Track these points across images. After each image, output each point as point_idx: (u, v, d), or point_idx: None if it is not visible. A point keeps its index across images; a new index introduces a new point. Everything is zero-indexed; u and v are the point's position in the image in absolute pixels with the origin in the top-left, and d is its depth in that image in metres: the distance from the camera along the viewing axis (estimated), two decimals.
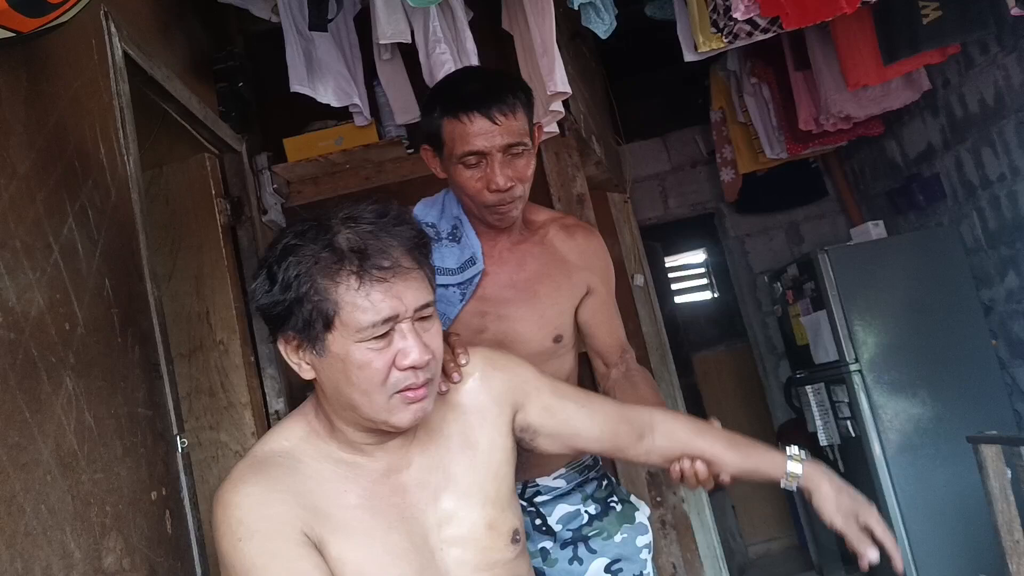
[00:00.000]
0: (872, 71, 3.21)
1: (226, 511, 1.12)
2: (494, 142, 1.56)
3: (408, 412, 1.15)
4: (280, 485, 1.14)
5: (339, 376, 1.14)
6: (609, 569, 1.71)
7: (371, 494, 1.19)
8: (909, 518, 3.47)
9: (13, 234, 1.37)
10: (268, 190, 2.86)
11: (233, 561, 1.10)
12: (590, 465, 1.79)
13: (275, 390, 2.63)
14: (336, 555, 1.13)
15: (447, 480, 1.25)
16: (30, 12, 1.25)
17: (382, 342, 1.12)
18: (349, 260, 1.11)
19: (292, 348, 1.18)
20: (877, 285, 3.65)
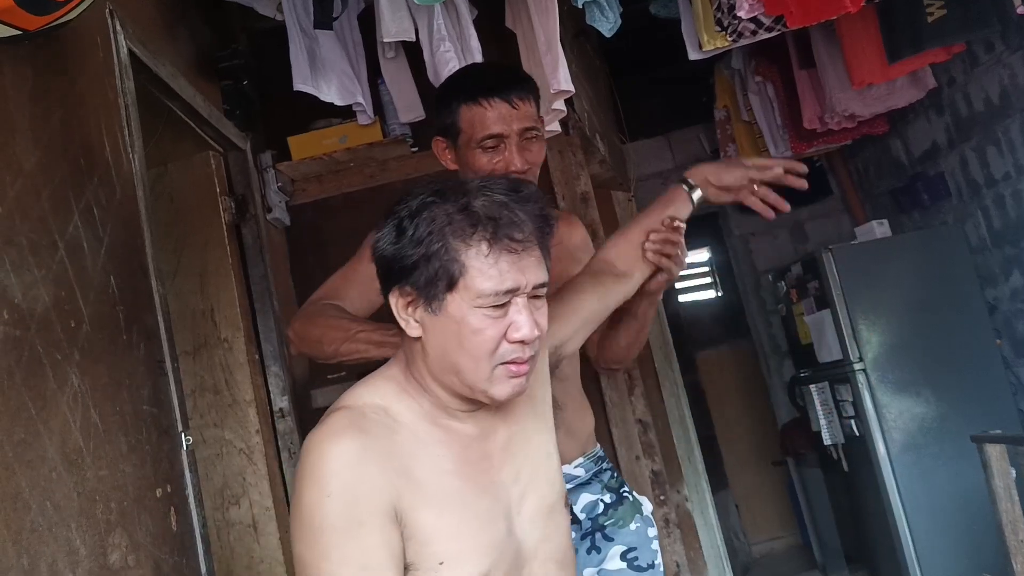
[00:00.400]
0: (877, 70, 3.20)
1: (320, 461, 1.12)
2: (512, 126, 1.63)
3: (508, 385, 1.17)
4: (378, 445, 1.14)
5: (450, 338, 1.16)
6: (625, 557, 1.74)
7: (463, 459, 1.21)
8: (913, 517, 3.46)
9: (19, 231, 1.38)
10: (272, 188, 2.86)
11: (313, 513, 1.10)
12: (601, 456, 1.84)
13: (279, 388, 2.64)
14: (430, 522, 1.13)
15: (525, 442, 1.28)
16: (36, 10, 1.26)
17: (498, 311, 1.15)
18: (484, 226, 1.14)
19: (404, 304, 1.19)
20: (881, 284, 3.65)
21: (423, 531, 1.13)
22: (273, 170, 2.88)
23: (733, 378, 5.53)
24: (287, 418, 2.62)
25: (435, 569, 1.13)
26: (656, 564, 1.76)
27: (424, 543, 1.13)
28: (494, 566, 1.16)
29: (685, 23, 2.85)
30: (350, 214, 2.97)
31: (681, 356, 4.51)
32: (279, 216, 2.89)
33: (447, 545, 1.14)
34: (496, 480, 1.23)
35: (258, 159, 2.85)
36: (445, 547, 1.14)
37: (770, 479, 5.24)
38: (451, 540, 1.14)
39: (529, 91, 1.68)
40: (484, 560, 1.15)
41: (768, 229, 5.28)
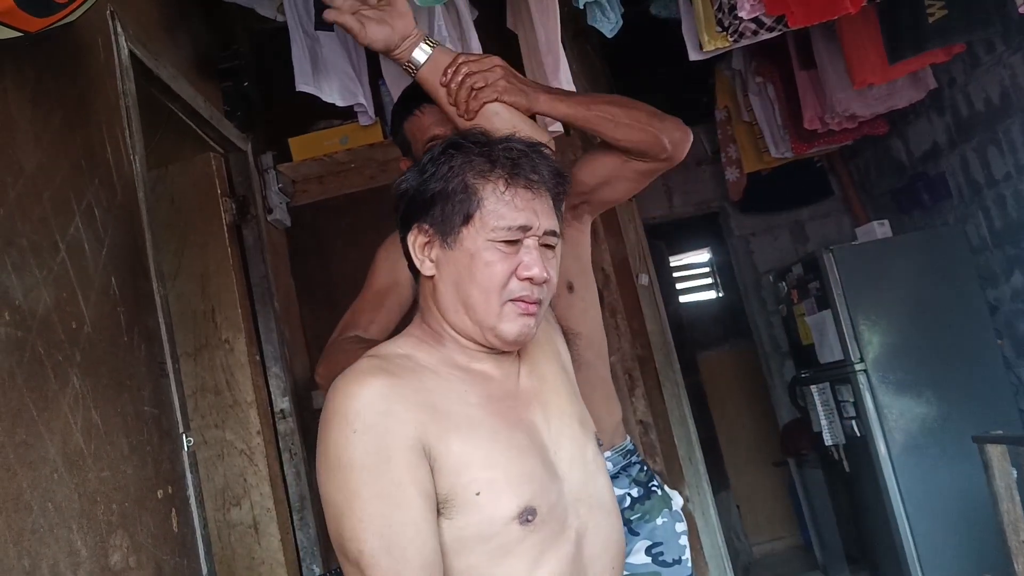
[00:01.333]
0: (877, 70, 3.20)
1: (346, 400, 1.12)
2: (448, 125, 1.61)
3: (517, 324, 1.20)
4: (403, 383, 1.15)
5: (463, 271, 1.20)
6: (650, 552, 1.74)
7: (490, 397, 1.22)
8: (914, 518, 3.46)
9: (20, 233, 1.38)
10: (273, 189, 2.86)
11: (340, 452, 1.10)
12: (631, 450, 1.83)
13: (280, 389, 2.64)
14: (460, 450, 1.13)
15: (553, 396, 1.29)
16: (37, 11, 1.26)
17: (511, 248, 1.19)
18: (502, 166, 1.20)
19: (421, 243, 1.24)
20: (882, 285, 3.65)
21: (455, 460, 1.12)
22: (274, 171, 2.88)
23: (734, 379, 5.53)
24: (288, 419, 2.62)
25: (473, 501, 1.12)
26: (683, 559, 1.75)
27: (457, 473, 1.12)
28: (537, 498, 1.14)
29: (686, 23, 2.85)
30: (351, 215, 2.97)
31: (682, 357, 4.51)
32: (280, 217, 2.89)
33: (482, 473, 1.13)
34: (524, 418, 1.23)
35: (259, 160, 2.85)
36: (480, 475, 1.12)
37: (771, 480, 5.24)
38: (485, 468, 1.13)
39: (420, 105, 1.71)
40: (524, 490, 1.14)
41: (769, 229, 5.28)
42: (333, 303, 3.06)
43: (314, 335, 3.13)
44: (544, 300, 1.23)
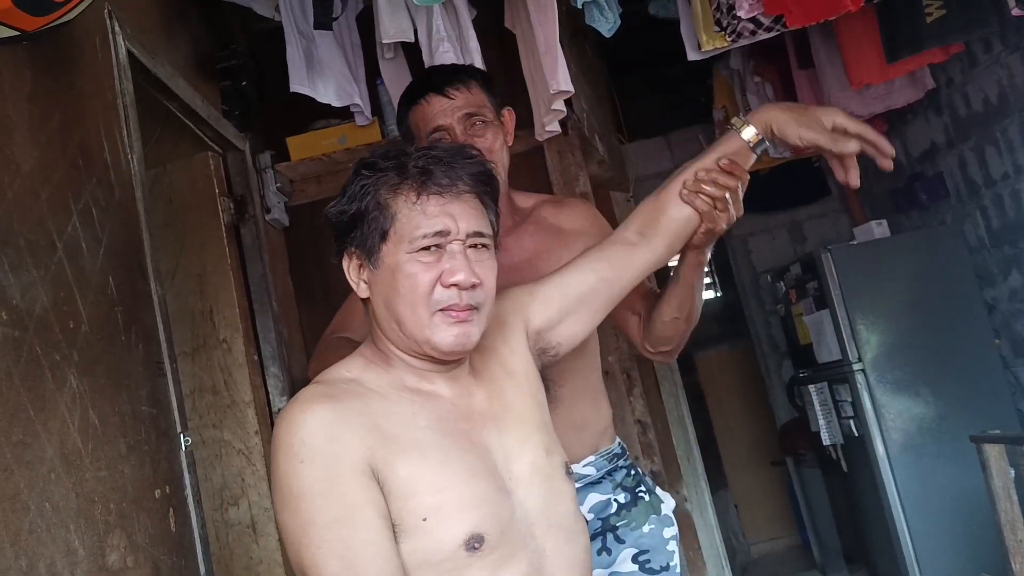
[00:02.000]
0: (875, 70, 3.20)
1: (290, 430, 1.11)
2: (453, 115, 1.67)
3: (449, 333, 1.17)
4: (348, 407, 1.14)
5: (388, 289, 1.19)
6: (636, 560, 1.70)
7: (440, 418, 1.19)
8: (912, 517, 3.46)
9: (17, 232, 1.37)
10: (271, 188, 2.86)
11: (291, 482, 1.09)
12: (618, 454, 1.78)
13: (278, 389, 2.64)
14: (406, 475, 1.11)
15: (505, 409, 1.27)
16: (34, 10, 1.26)
17: (431, 257, 1.17)
18: (412, 177, 1.19)
19: (355, 267, 1.24)
20: (880, 284, 3.65)
21: (402, 485, 1.11)
22: (272, 171, 2.87)
23: (732, 378, 5.53)
24: None
25: (419, 526, 1.10)
26: (671, 565, 1.72)
27: (404, 497, 1.10)
28: (485, 523, 1.12)
29: (684, 23, 2.85)
30: None
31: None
32: (278, 217, 2.89)
33: (428, 498, 1.11)
34: (477, 440, 1.20)
35: (257, 160, 2.85)
36: (427, 500, 1.11)
37: (769, 479, 5.24)
38: (432, 493, 1.11)
39: (467, 80, 1.70)
40: (471, 516, 1.12)
41: (767, 229, 5.28)
42: (331, 303, 3.05)
43: (312, 335, 3.12)
44: (481, 304, 1.20)
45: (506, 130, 1.77)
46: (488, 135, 1.69)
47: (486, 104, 1.71)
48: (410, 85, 1.82)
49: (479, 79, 1.73)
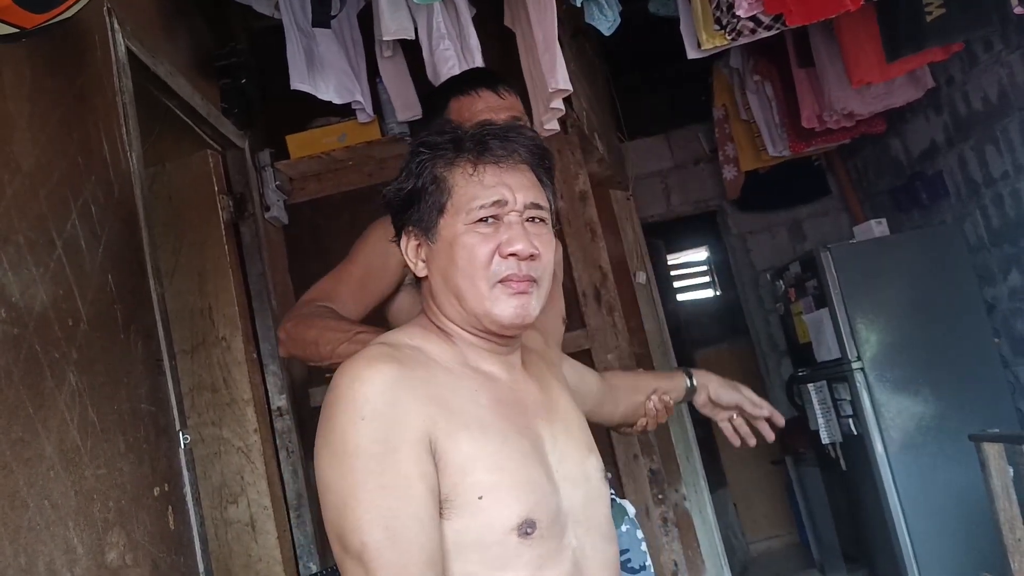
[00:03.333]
0: (876, 68, 3.20)
1: (354, 385, 1.08)
2: (500, 114, 1.65)
3: (509, 305, 1.16)
4: (413, 374, 1.12)
5: (447, 262, 1.18)
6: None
7: (499, 400, 1.19)
8: (911, 516, 3.47)
9: (17, 230, 1.37)
10: (271, 187, 2.86)
11: (346, 439, 1.06)
12: None
13: (277, 387, 2.64)
14: (468, 449, 1.09)
15: (556, 410, 1.27)
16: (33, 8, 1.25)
17: (489, 228, 1.17)
18: (468, 150, 1.19)
19: (413, 247, 1.24)
20: (880, 283, 3.65)
21: (460, 459, 1.08)
22: (271, 169, 2.87)
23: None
24: (285, 417, 2.62)
25: (474, 504, 1.08)
26: (647, 565, 1.75)
27: (462, 472, 1.08)
28: (538, 510, 1.10)
29: (684, 22, 2.85)
30: (349, 212, 2.97)
31: (679, 355, 4.51)
32: (277, 215, 2.89)
33: (486, 476, 1.09)
34: (532, 428, 1.20)
35: (256, 158, 2.85)
36: (484, 478, 1.09)
37: (768, 478, 5.24)
38: (490, 472, 1.09)
39: (512, 88, 1.75)
40: (526, 500, 1.10)
41: (767, 228, 5.28)
42: None
43: None
44: (539, 278, 1.19)
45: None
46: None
47: (525, 115, 1.76)
48: (458, 75, 1.86)
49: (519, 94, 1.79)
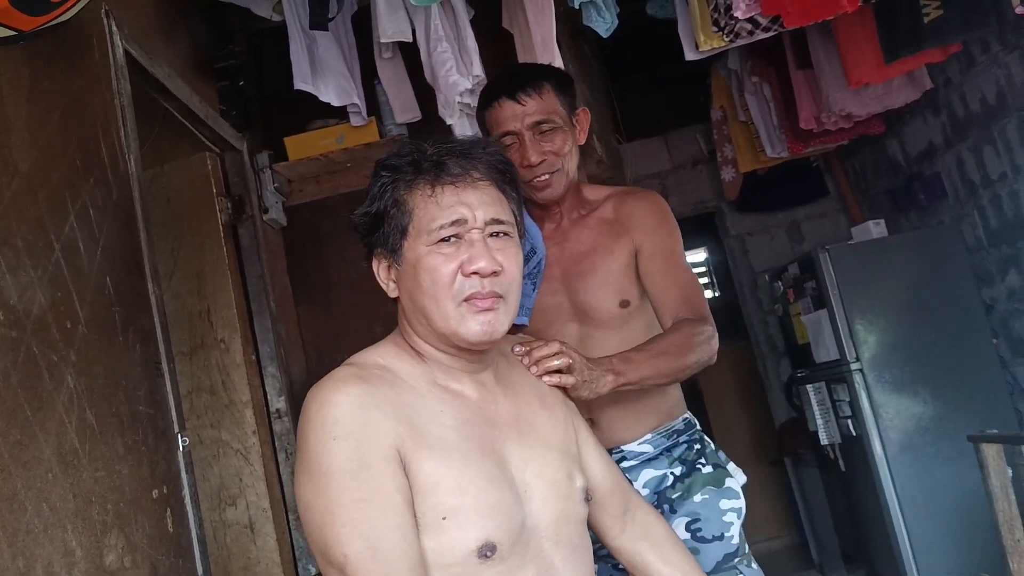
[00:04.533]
0: (873, 69, 3.20)
1: (323, 408, 1.11)
2: (523, 121, 1.70)
3: (476, 322, 1.18)
4: (380, 393, 1.14)
5: (412, 284, 1.20)
6: (689, 528, 1.72)
7: (465, 420, 1.20)
8: (910, 517, 3.46)
9: (15, 232, 1.37)
10: (269, 188, 2.86)
11: (320, 458, 1.09)
12: (680, 430, 1.81)
13: (276, 389, 2.64)
14: (431, 471, 1.12)
15: (530, 427, 1.27)
16: (32, 10, 1.26)
17: (450, 247, 1.18)
18: (426, 171, 1.20)
19: (384, 268, 1.25)
20: (878, 284, 3.65)
21: (426, 480, 1.11)
22: (270, 170, 2.87)
23: (730, 378, 5.53)
24: (284, 419, 2.62)
25: (438, 524, 1.10)
26: (726, 536, 1.73)
27: (426, 493, 1.11)
28: (499, 532, 1.12)
29: (682, 23, 2.85)
30: (347, 214, 2.96)
31: None
32: (276, 216, 2.89)
33: (450, 499, 1.11)
34: (498, 448, 1.21)
35: (255, 159, 2.85)
36: (448, 501, 1.11)
37: (767, 479, 5.24)
38: (454, 494, 1.12)
39: (540, 85, 1.72)
40: (485, 525, 1.12)
41: (765, 229, 5.28)
42: (329, 302, 3.06)
43: (310, 335, 3.12)
44: (506, 293, 1.20)
45: (579, 129, 1.80)
46: (556, 139, 1.72)
47: (557, 109, 1.72)
48: (487, 85, 1.86)
49: (553, 81, 1.75)
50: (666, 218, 1.81)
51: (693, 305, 1.70)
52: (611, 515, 1.41)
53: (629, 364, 1.54)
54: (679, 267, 1.76)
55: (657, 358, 1.58)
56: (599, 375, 1.47)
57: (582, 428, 1.41)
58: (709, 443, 1.85)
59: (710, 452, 1.82)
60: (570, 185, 1.78)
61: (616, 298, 1.76)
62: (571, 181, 1.77)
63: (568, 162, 1.75)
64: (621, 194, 1.86)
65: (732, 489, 1.78)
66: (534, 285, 1.79)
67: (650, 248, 1.76)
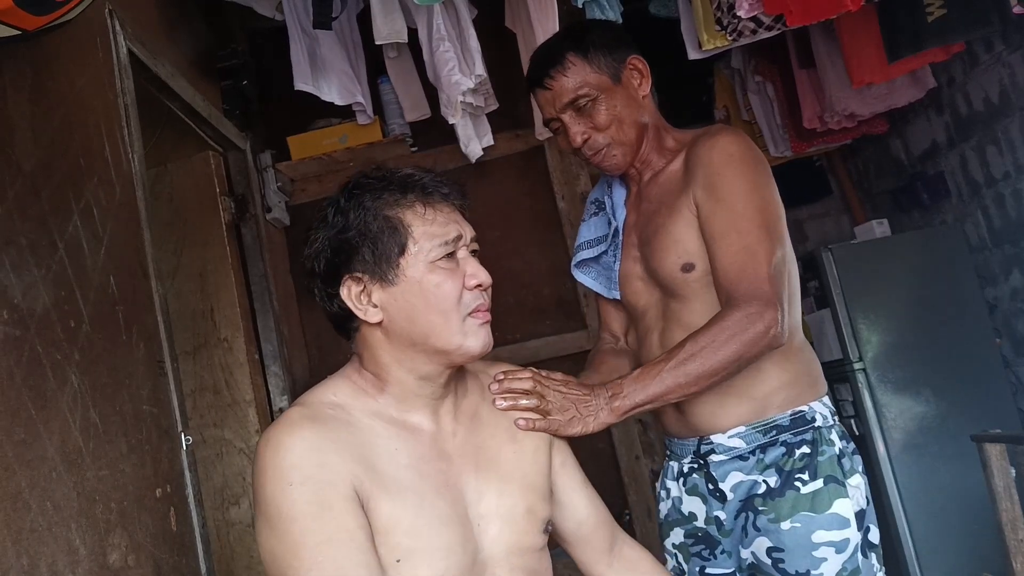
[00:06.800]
0: (877, 69, 3.20)
1: (278, 453, 1.10)
2: (555, 105, 1.61)
3: (480, 336, 1.21)
4: (334, 435, 1.13)
5: (416, 301, 1.18)
6: (770, 554, 1.51)
7: (419, 456, 1.20)
8: (913, 517, 3.46)
9: (19, 231, 1.38)
10: (272, 188, 2.86)
11: (280, 505, 1.08)
12: (783, 426, 1.54)
13: (279, 388, 2.64)
14: (387, 512, 1.12)
15: (489, 461, 1.27)
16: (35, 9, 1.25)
17: (451, 263, 1.20)
18: (413, 190, 1.21)
19: (356, 293, 1.21)
20: (881, 283, 3.64)
21: (384, 522, 1.11)
22: (273, 170, 2.88)
23: None
24: None
25: (393, 567, 1.11)
26: (813, 573, 1.46)
27: (383, 534, 1.11)
28: (451, 572, 1.14)
29: (685, 22, 2.85)
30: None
31: None
32: (279, 216, 2.89)
33: (404, 540, 1.12)
34: (452, 483, 1.21)
35: (257, 159, 2.85)
36: (403, 542, 1.12)
37: None
38: (408, 535, 1.12)
39: (561, 60, 1.58)
40: (440, 564, 1.13)
41: None
42: None
43: (313, 334, 3.12)
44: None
45: (632, 83, 1.63)
46: (601, 112, 1.59)
47: (587, 78, 1.58)
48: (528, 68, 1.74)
49: (576, 48, 1.59)
50: (729, 163, 1.52)
51: (744, 279, 1.44)
52: (598, 550, 1.39)
53: (636, 384, 1.40)
54: (735, 229, 1.47)
55: (680, 366, 1.40)
56: (595, 408, 1.37)
57: (565, 462, 1.38)
58: (831, 448, 1.53)
59: (825, 461, 1.51)
60: (636, 148, 1.63)
61: (678, 261, 1.55)
62: (633, 145, 1.62)
63: (619, 130, 1.60)
64: (696, 137, 1.62)
65: (839, 515, 1.47)
66: (615, 257, 1.72)
67: (708, 206, 1.51)
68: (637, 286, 1.68)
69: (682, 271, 1.56)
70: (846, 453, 1.55)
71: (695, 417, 1.59)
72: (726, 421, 1.56)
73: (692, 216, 1.54)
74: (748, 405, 1.55)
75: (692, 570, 1.67)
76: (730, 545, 1.61)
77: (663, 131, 1.69)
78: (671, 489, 1.70)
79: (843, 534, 1.47)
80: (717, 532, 1.62)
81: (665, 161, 1.66)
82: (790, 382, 1.56)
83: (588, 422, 1.38)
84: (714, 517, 1.61)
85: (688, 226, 1.54)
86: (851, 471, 1.52)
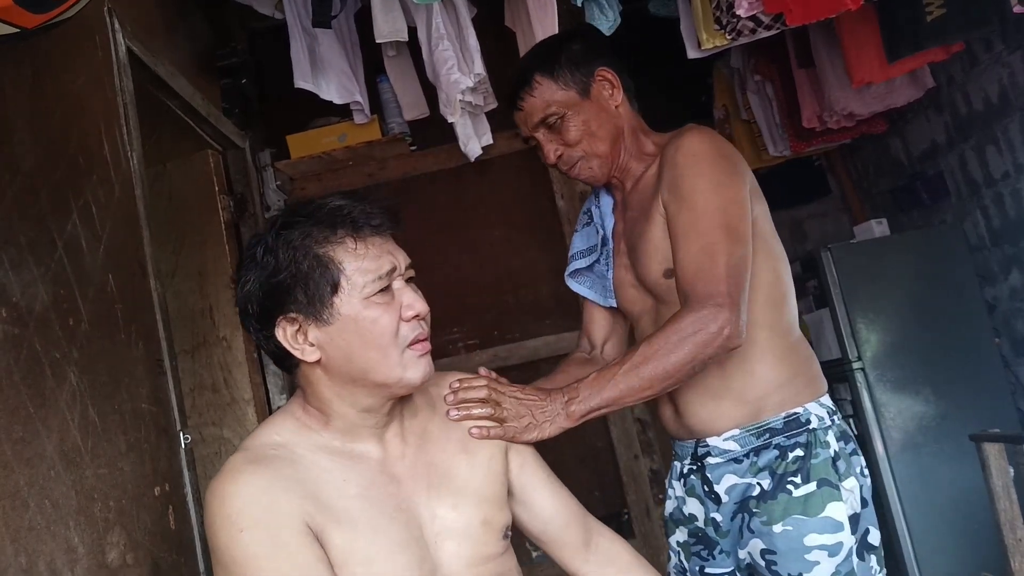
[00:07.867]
0: (876, 68, 3.19)
1: (224, 502, 1.10)
2: (528, 125, 1.64)
3: (420, 366, 1.20)
4: (280, 475, 1.13)
5: (352, 339, 1.16)
6: (764, 556, 1.51)
7: (369, 483, 1.19)
8: (912, 516, 3.46)
9: (17, 230, 1.38)
10: (271, 187, 2.86)
11: (233, 553, 1.08)
12: (777, 429, 1.53)
13: (278, 387, 2.64)
14: (341, 544, 1.12)
15: (441, 477, 1.26)
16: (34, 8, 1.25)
17: (386, 296, 1.18)
18: (342, 225, 1.17)
19: (292, 333, 1.18)
20: (880, 283, 3.64)
21: (336, 553, 1.11)
22: (272, 168, 2.88)
23: None
24: None
25: None
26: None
27: (340, 566, 1.11)
28: None
29: (684, 22, 2.85)
30: None
31: None
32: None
33: (360, 570, 1.12)
34: (405, 506, 1.21)
35: (257, 157, 2.85)
36: (359, 572, 1.12)
37: None
38: (364, 565, 1.12)
39: (528, 80, 1.62)
40: None
41: None
42: None
43: None
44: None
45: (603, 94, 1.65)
46: (571, 128, 1.61)
47: (554, 97, 1.60)
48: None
49: (541, 67, 1.62)
50: (692, 162, 1.51)
51: (700, 280, 1.41)
52: (571, 546, 1.39)
53: (591, 388, 1.40)
54: (695, 229, 1.45)
55: (634, 370, 1.39)
56: (551, 413, 1.37)
57: (525, 463, 1.37)
58: (826, 450, 1.52)
59: (819, 464, 1.50)
60: (612, 158, 1.64)
61: (660, 268, 1.55)
62: (607, 156, 1.64)
63: (592, 143, 1.61)
64: (670, 139, 1.62)
65: (831, 519, 1.46)
66: (607, 265, 1.73)
67: (672, 207, 1.50)
68: (631, 293, 1.68)
69: (664, 277, 1.56)
70: (843, 455, 1.54)
71: (691, 420, 1.60)
72: (721, 424, 1.57)
73: (663, 220, 1.54)
74: (742, 408, 1.55)
75: (692, 569, 1.69)
76: (728, 545, 1.63)
77: (642, 137, 1.71)
78: (675, 489, 1.73)
79: (836, 537, 1.46)
80: (715, 533, 1.63)
81: (644, 166, 1.67)
82: (785, 383, 1.55)
83: (545, 428, 1.38)
84: (711, 519, 1.63)
85: (664, 231, 1.54)
86: (846, 474, 1.52)
